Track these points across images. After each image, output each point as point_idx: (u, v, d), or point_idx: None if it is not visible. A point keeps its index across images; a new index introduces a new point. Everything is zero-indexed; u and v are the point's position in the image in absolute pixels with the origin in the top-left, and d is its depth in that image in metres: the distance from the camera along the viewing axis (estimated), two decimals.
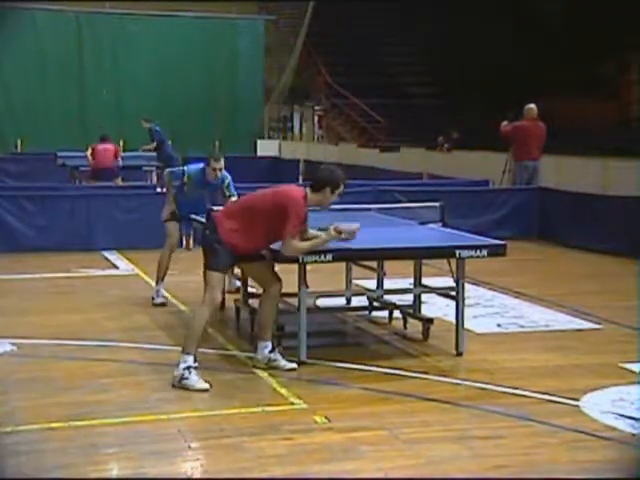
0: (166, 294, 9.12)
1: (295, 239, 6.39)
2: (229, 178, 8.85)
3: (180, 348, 6.36)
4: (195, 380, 6.19)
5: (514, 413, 5.72)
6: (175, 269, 9.48)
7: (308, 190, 6.47)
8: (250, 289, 8.12)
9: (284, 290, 7.63)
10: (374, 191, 13.35)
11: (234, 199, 8.62)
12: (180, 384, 6.19)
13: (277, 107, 28.32)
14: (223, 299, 8.57)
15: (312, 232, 6.63)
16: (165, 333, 7.81)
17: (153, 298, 9.01)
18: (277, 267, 7.60)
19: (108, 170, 16.40)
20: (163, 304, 8.93)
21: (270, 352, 6.68)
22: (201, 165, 8.82)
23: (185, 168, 8.94)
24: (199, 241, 12.01)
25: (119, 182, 16.41)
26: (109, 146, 16.87)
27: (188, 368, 6.21)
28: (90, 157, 16.68)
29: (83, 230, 12.47)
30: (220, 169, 8.72)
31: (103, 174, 16.23)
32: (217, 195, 8.90)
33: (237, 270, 8.52)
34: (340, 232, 6.51)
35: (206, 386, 6.19)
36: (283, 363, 6.64)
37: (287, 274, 6.97)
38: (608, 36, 22.50)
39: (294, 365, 6.65)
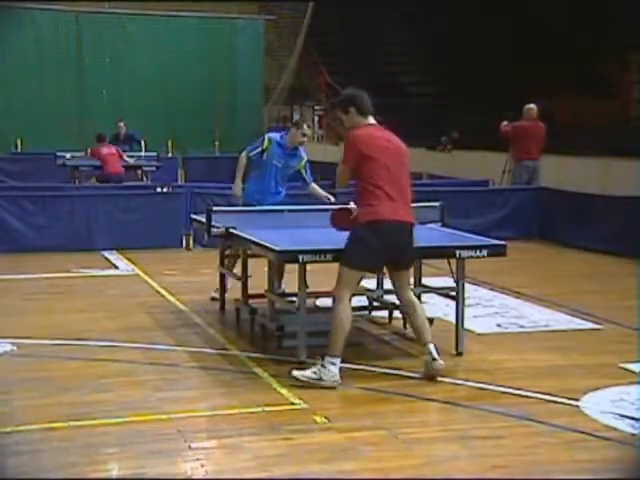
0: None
1: None
2: (306, 158, 8.82)
3: (180, 348, 6.35)
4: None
5: (514, 413, 5.72)
6: (175, 269, 9.49)
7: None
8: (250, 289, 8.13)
9: (284, 289, 7.66)
10: None
11: (314, 186, 8.70)
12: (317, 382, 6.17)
13: (277, 107, 28.28)
14: (223, 299, 8.61)
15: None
16: (165, 333, 7.80)
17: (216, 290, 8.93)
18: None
19: (117, 176, 16.21)
20: (215, 299, 8.84)
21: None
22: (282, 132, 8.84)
23: (265, 135, 8.91)
24: (199, 241, 12.13)
25: None
26: (112, 149, 16.73)
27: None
28: (90, 154, 16.37)
29: (83, 230, 12.47)
30: (305, 136, 8.69)
31: (112, 179, 16.01)
32: (285, 175, 8.82)
33: (236, 270, 8.54)
34: None
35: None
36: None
37: (287, 274, 6.97)
38: (608, 36, 22.48)
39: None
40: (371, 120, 6.49)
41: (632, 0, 17.48)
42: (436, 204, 8.50)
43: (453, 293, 7.17)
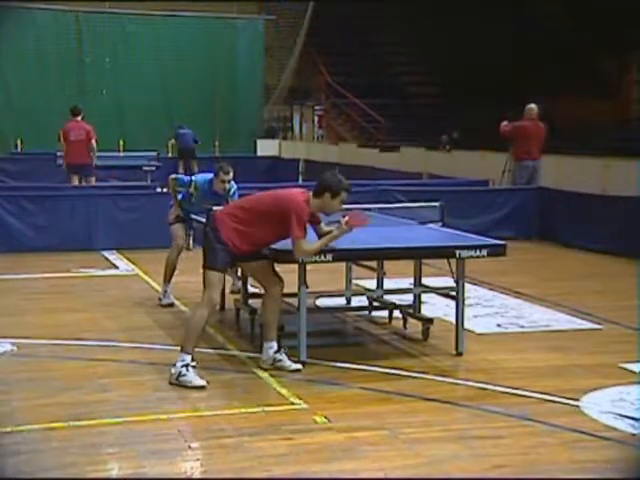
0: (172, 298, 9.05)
1: (304, 241, 6.38)
2: (235, 187, 8.78)
3: (179, 348, 6.37)
4: (192, 377, 6.22)
5: (514, 413, 5.73)
6: (176, 269, 9.47)
7: (310, 194, 6.50)
8: (250, 289, 8.13)
9: (284, 290, 7.66)
10: (374, 191, 13.35)
11: None
12: (177, 381, 6.21)
13: (277, 107, 28.27)
14: (223, 299, 8.61)
15: (325, 227, 6.63)
16: (165, 333, 7.81)
17: (160, 299, 9.00)
18: (277, 267, 7.62)
19: (83, 166, 15.60)
20: (171, 305, 8.91)
21: (275, 352, 6.67)
22: (210, 176, 8.72)
23: (193, 177, 8.90)
24: (199, 241, 12.10)
25: (92, 182, 15.68)
26: (82, 132, 15.80)
27: (186, 366, 6.24)
28: (62, 142, 15.79)
29: (83, 230, 12.47)
30: (229, 181, 8.63)
31: (79, 170, 15.55)
32: (222, 204, 8.84)
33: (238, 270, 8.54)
34: (351, 225, 6.49)
35: (203, 382, 6.21)
36: (288, 364, 6.63)
37: (287, 274, 6.96)
38: (608, 35, 22.49)
39: (299, 366, 6.63)
40: None
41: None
42: (436, 204, 8.51)
43: (453, 293, 7.17)
